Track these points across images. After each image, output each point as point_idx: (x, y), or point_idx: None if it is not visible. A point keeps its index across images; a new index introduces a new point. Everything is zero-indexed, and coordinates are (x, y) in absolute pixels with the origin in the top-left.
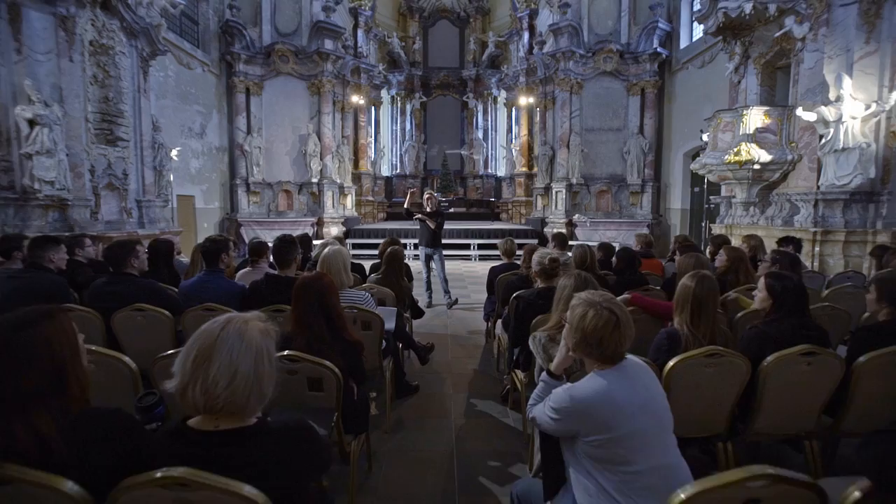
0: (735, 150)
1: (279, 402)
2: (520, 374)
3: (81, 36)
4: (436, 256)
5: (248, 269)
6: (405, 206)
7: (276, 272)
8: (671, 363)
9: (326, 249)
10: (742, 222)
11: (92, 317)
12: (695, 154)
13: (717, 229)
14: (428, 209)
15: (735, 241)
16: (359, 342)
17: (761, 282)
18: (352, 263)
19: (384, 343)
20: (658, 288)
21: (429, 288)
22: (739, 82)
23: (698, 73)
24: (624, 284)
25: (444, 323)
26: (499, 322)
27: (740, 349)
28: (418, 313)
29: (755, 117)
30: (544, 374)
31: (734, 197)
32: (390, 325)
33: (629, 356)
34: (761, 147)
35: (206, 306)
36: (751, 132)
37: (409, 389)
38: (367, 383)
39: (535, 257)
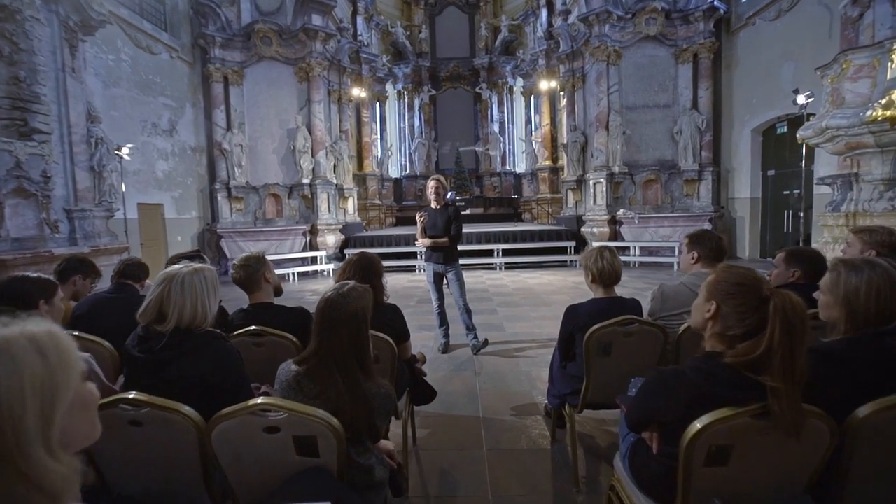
0: (882, 101)
1: None
2: None
3: None
4: (450, 275)
5: None
6: (417, 238)
7: None
8: None
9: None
10: (874, 208)
11: None
12: (767, 129)
13: (828, 220)
14: (434, 205)
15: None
16: None
17: None
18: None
19: None
20: None
21: (443, 323)
22: (861, 16)
23: (771, 27)
24: None
25: (468, 387)
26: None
27: None
28: (425, 397)
29: None
30: None
31: (860, 174)
32: None
33: None
34: None
35: None
36: None
37: None
38: None
39: None
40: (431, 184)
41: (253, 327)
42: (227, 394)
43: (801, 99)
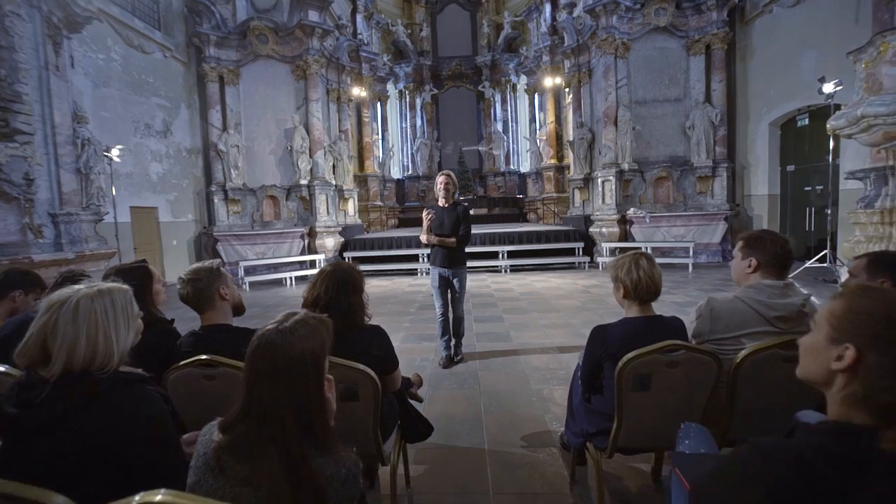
0: None
1: None
2: None
3: None
4: (455, 281)
5: None
6: (421, 237)
7: None
8: None
9: None
10: None
11: None
12: (786, 122)
13: (860, 217)
14: (442, 202)
15: None
16: None
17: None
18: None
19: None
20: None
21: (446, 332)
22: None
23: (790, 14)
24: None
25: (472, 410)
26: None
27: None
28: (419, 433)
29: None
30: None
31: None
32: None
33: None
34: None
35: None
36: None
37: None
38: None
39: None
40: (441, 179)
41: (203, 356)
42: (144, 465)
43: (827, 87)
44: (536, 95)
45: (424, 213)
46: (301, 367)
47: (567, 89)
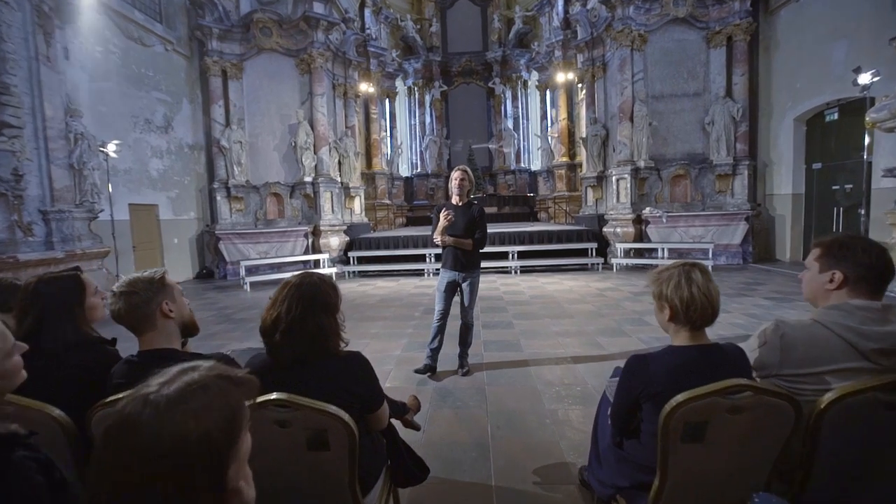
0: None
1: None
2: None
3: None
4: (465, 285)
5: None
6: (434, 236)
7: None
8: None
9: None
10: None
11: None
12: (812, 117)
13: None
14: (456, 200)
15: None
16: None
17: None
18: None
19: None
20: None
21: (437, 335)
22: None
23: (818, 2)
24: None
25: (478, 433)
26: None
27: None
28: (413, 476)
29: None
30: None
31: None
32: None
33: None
34: None
35: None
36: None
37: None
38: None
39: None
40: (456, 175)
41: None
42: None
43: (863, 78)
44: (548, 92)
45: (443, 213)
46: (181, 462)
47: (580, 85)
